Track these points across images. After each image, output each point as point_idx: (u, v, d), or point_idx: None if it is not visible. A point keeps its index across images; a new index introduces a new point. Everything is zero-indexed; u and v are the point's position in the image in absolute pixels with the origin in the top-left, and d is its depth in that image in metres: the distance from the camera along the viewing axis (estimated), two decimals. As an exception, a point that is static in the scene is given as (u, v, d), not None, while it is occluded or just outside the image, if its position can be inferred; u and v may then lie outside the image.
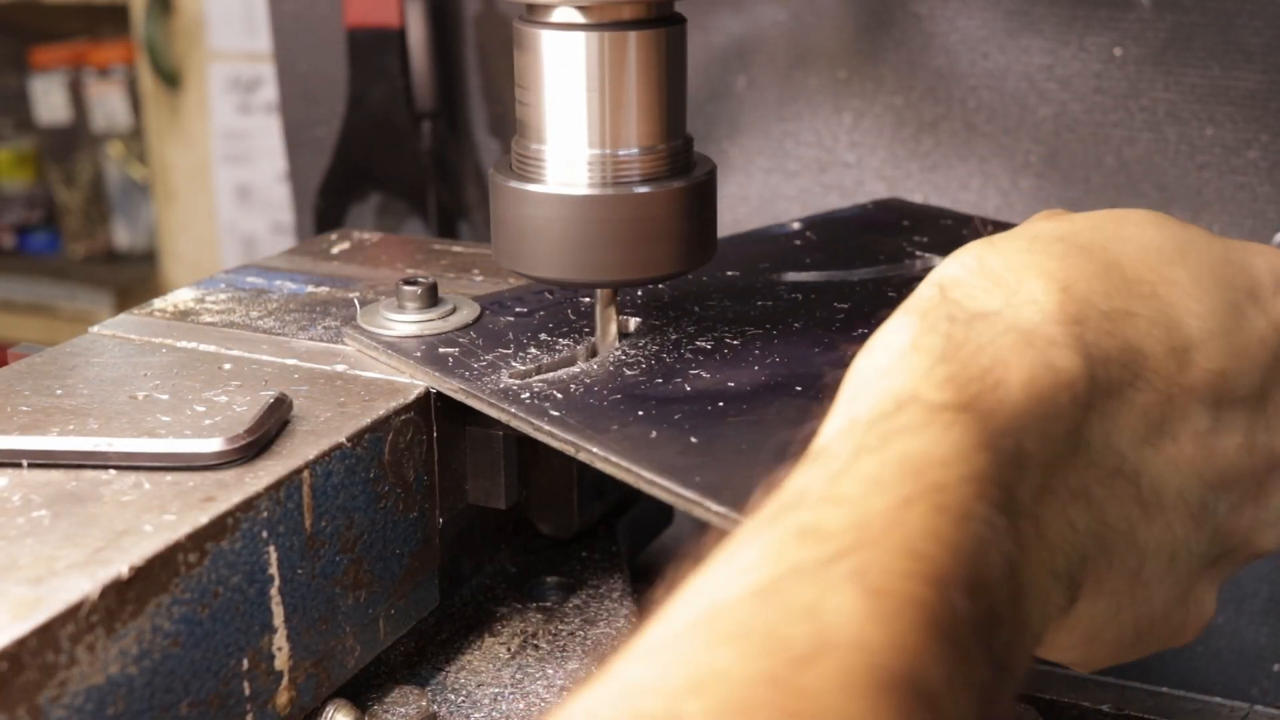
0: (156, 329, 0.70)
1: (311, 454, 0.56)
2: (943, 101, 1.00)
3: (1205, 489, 0.45)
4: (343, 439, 0.58)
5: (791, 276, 0.75)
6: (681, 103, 0.62)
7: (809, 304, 0.71)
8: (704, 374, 0.62)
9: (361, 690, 0.62)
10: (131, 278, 2.60)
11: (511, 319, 0.68)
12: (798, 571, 0.33)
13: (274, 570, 0.54)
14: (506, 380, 0.61)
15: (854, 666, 0.31)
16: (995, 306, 0.43)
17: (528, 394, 0.60)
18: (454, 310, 0.68)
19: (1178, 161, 0.94)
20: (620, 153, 0.60)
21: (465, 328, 0.67)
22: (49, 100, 2.63)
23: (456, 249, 0.85)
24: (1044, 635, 0.41)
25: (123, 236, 2.69)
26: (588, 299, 0.70)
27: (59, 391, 0.62)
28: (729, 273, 0.75)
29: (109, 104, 2.61)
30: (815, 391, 0.60)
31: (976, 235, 0.73)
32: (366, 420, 0.59)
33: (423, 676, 0.65)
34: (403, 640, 0.66)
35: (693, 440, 0.56)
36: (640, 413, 0.58)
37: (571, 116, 0.60)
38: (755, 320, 0.68)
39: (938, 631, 0.33)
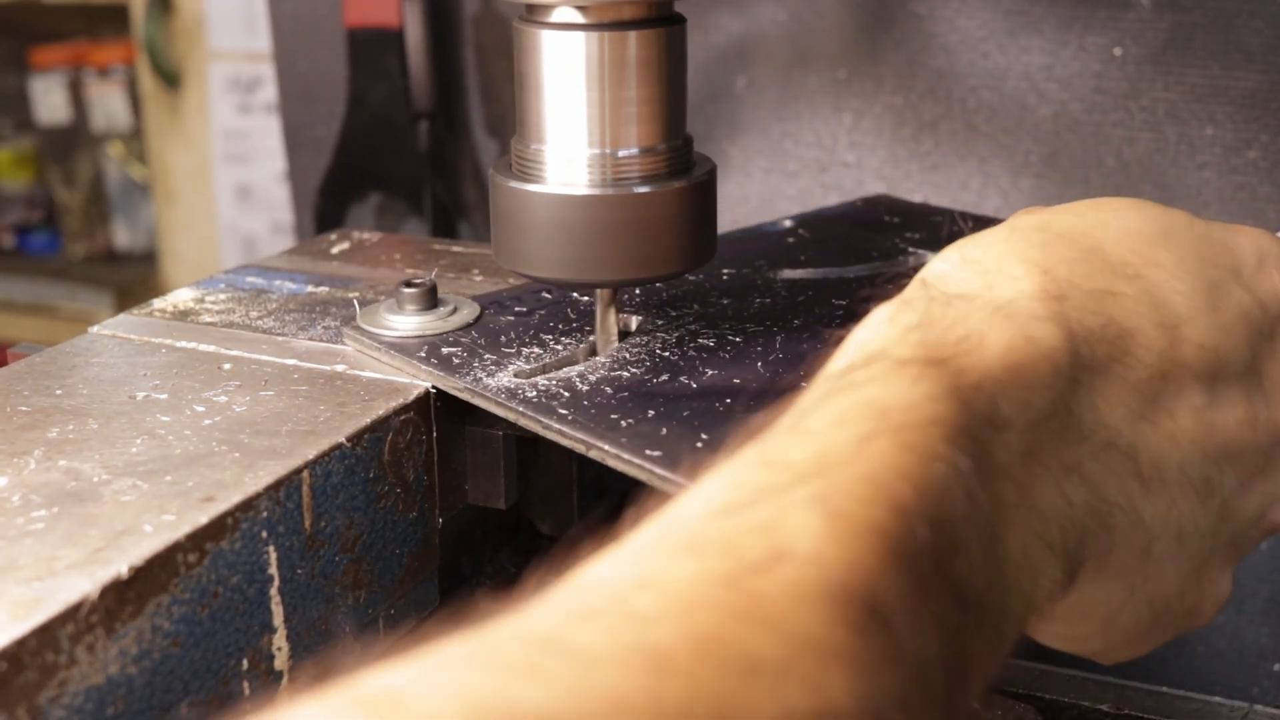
0: (156, 329, 0.70)
1: (311, 454, 0.56)
2: (943, 101, 1.00)
3: (1208, 464, 0.45)
4: (342, 439, 0.58)
5: (787, 274, 0.75)
6: (681, 103, 0.62)
7: (807, 301, 0.71)
8: (709, 371, 0.62)
9: (361, 690, 0.62)
10: (131, 278, 2.60)
11: (511, 318, 0.69)
12: (759, 494, 0.34)
13: (274, 570, 0.54)
14: (512, 379, 0.62)
15: (809, 578, 0.31)
16: (976, 289, 0.44)
17: (534, 392, 0.60)
18: (455, 310, 0.68)
19: (1178, 161, 0.94)
20: (620, 153, 0.60)
21: (466, 328, 0.67)
22: (49, 100, 2.63)
23: (456, 249, 0.85)
24: (1040, 607, 0.41)
25: (123, 236, 2.69)
26: (587, 298, 0.70)
27: (58, 391, 0.62)
28: (725, 271, 0.75)
29: (109, 104, 2.61)
30: None
31: (960, 230, 0.74)
32: (366, 420, 0.59)
33: (422, 676, 0.65)
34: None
35: (703, 437, 0.56)
36: (650, 411, 0.58)
37: (571, 116, 0.60)
38: (755, 318, 0.68)
39: (896, 557, 0.33)
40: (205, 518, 0.51)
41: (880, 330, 0.43)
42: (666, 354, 0.64)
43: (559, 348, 0.65)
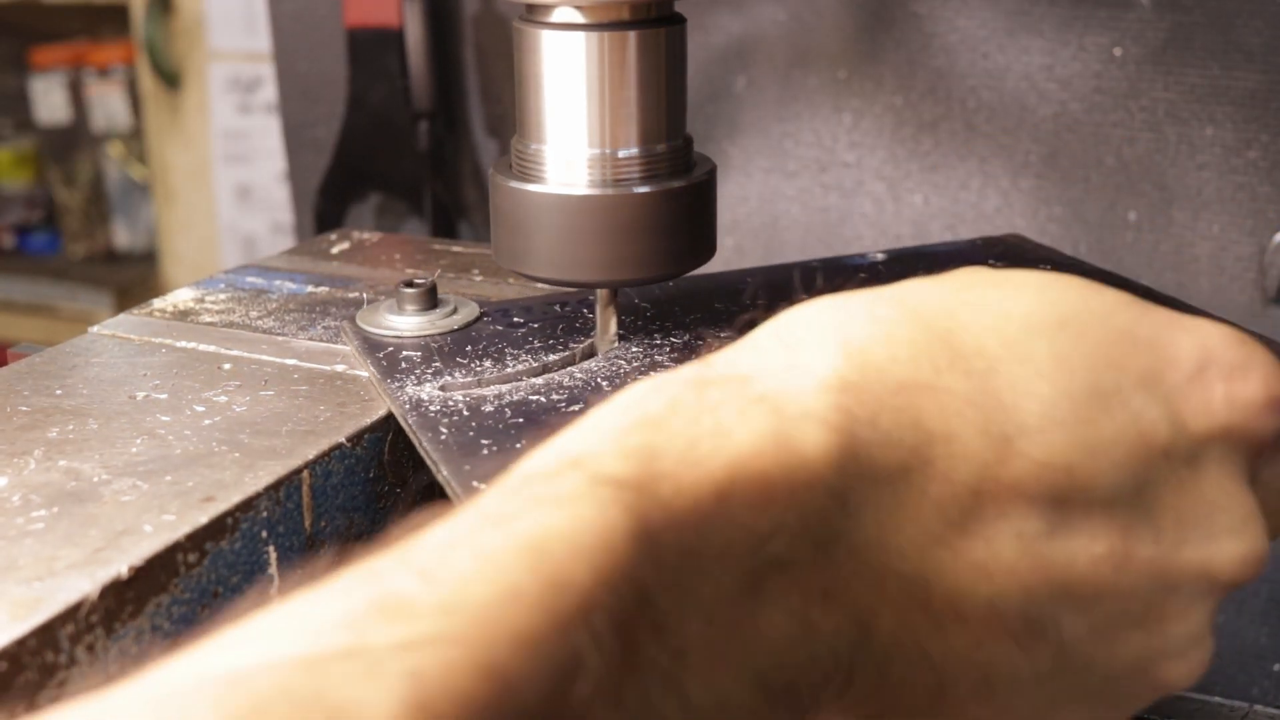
0: (156, 329, 0.70)
1: (311, 454, 0.56)
2: (943, 101, 1.00)
3: (1034, 604, 0.37)
4: (342, 439, 0.58)
5: None
6: (681, 103, 0.62)
7: None
8: None
9: (361, 690, 0.62)
10: (131, 278, 2.60)
11: (500, 329, 0.67)
12: (358, 652, 0.28)
13: (274, 570, 0.54)
14: (431, 390, 0.60)
15: None
16: (755, 370, 0.37)
17: (437, 407, 0.58)
18: (452, 314, 0.68)
19: (1178, 161, 0.94)
20: (620, 153, 0.60)
21: (450, 333, 0.67)
22: (49, 100, 2.63)
23: (456, 249, 0.85)
24: None
25: (123, 236, 2.69)
26: (591, 315, 0.68)
27: (59, 391, 0.62)
28: (759, 301, 0.71)
29: (109, 104, 2.61)
30: None
31: None
32: (366, 420, 0.59)
33: (422, 676, 0.65)
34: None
35: None
36: (522, 440, 0.55)
37: (571, 116, 0.60)
38: None
39: None
40: (205, 518, 0.51)
41: (607, 422, 0.35)
42: (603, 383, 0.62)
43: (513, 363, 0.63)
